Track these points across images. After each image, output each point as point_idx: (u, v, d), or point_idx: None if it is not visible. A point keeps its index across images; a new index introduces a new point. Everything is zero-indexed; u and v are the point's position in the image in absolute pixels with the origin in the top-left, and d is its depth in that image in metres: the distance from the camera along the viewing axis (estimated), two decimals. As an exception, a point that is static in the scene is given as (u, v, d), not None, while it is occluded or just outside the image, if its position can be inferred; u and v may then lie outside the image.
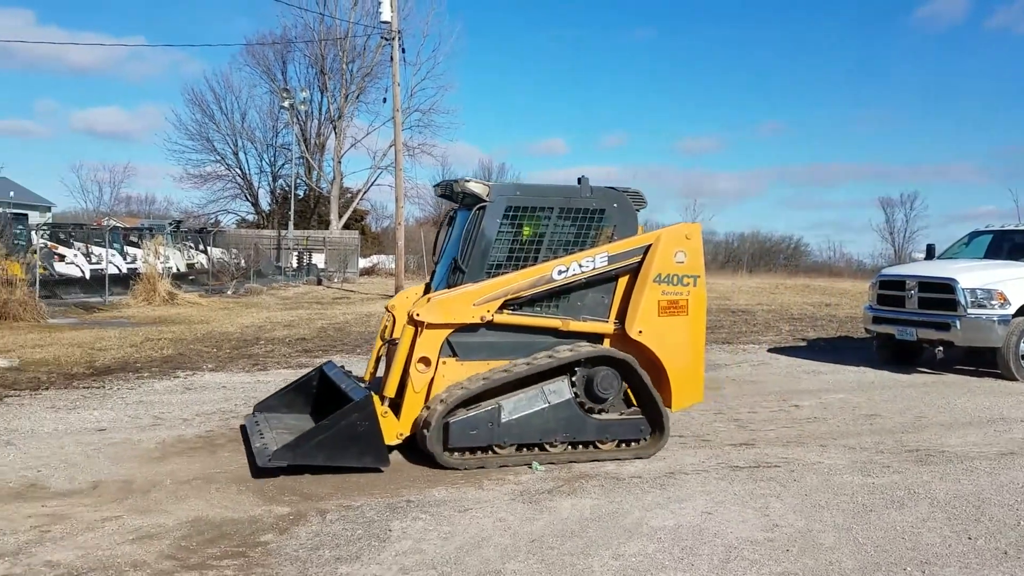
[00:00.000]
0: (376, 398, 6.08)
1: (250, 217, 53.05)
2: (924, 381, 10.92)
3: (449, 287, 6.56)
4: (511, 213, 6.62)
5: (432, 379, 6.29)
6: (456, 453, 6.19)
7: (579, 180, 6.89)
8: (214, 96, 49.79)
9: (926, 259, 13.37)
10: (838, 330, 17.52)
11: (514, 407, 6.28)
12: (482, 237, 6.55)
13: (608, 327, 6.71)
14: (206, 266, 29.93)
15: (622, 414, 6.68)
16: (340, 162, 47.66)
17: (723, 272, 53.99)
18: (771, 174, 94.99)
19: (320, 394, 7.41)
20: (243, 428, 7.24)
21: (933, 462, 6.68)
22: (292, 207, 42.13)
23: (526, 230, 6.71)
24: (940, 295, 11.33)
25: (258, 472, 5.85)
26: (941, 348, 11.40)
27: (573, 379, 6.48)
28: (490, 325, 6.41)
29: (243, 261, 32.27)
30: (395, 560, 4.44)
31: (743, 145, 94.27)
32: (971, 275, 11.31)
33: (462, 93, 79.46)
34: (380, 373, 7.21)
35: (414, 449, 6.33)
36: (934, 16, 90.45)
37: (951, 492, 5.84)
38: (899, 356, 12.24)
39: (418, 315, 6.21)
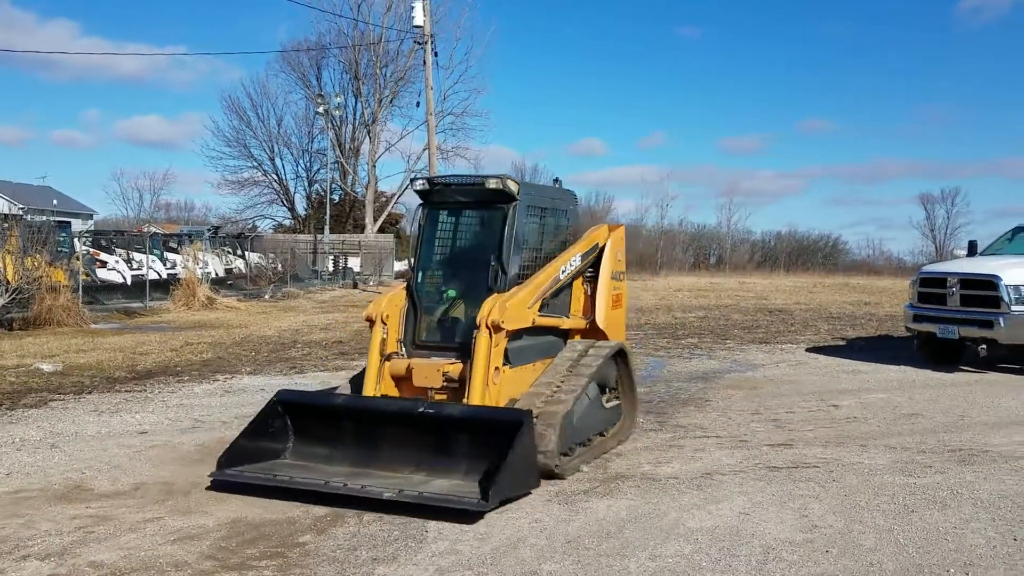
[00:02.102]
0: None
1: (286, 222, 53.63)
2: (967, 380, 10.71)
3: (490, 290, 6.27)
4: (532, 212, 6.67)
5: (498, 388, 6.07)
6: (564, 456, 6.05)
7: (555, 181, 7.23)
8: (251, 103, 50.43)
9: (968, 256, 13.11)
10: (878, 329, 17.26)
11: (577, 408, 6.24)
12: (519, 237, 6.48)
13: (582, 322, 7.13)
14: (244, 271, 30.26)
15: (609, 402, 6.92)
16: (375, 166, 47.96)
17: (759, 271, 53.51)
18: (812, 172, 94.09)
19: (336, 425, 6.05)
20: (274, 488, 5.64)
21: (977, 462, 6.55)
22: (328, 211, 42.48)
23: (538, 230, 6.85)
24: (983, 292, 11.11)
25: (476, 517, 5.10)
26: (984, 346, 11.17)
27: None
28: (530, 329, 6.42)
29: (280, 265, 32.56)
30: (431, 561, 4.46)
31: (784, 143, 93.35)
32: (1015, 271, 11.07)
33: (497, 95, 79.65)
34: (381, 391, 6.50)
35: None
36: (979, 8, 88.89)
37: (995, 492, 5.73)
38: (941, 355, 12.00)
39: (502, 323, 5.93)
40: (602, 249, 7.29)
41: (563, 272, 6.72)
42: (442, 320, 6.63)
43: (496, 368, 6.02)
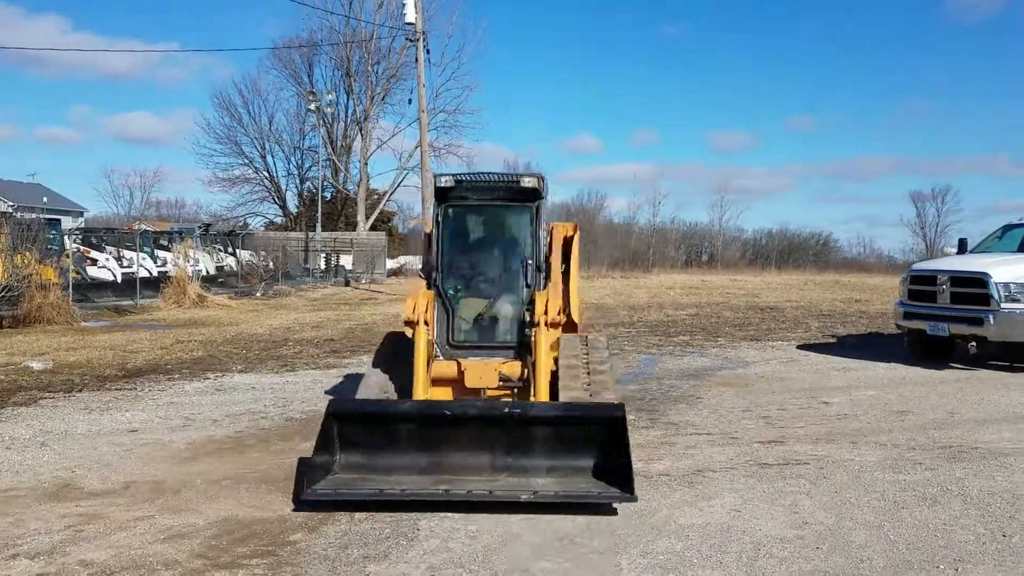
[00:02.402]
0: None
1: (278, 219, 53.54)
2: (957, 377, 10.76)
3: (529, 287, 6.71)
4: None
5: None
6: None
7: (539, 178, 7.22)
8: (242, 100, 50.37)
9: (958, 253, 13.18)
10: (868, 326, 17.32)
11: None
12: (540, 234, 6.79)
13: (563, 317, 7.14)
14: (235, 268, 30.21)
15: None
16: (366, 164, 47.93)
17: (751, 269, 53.62)
18: (802, 169, 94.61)
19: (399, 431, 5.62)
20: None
21: (966, 459, 6.58)
22: (319, 209, 42.42)
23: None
24: (973, 290, 11.17)
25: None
26: (974, 343, 11.25)
27: None
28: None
29: (271, 263, 32.52)
30: (423, 559, 4.45)
31: (774, 140, 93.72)
32: (1004, 269, 11.12)
33: (490, 92, 79.69)
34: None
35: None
36: (968, 6, 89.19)
37: (985, 489, 5.75)
38: (931, 352, 12.06)
39: (561, 320, 6.46)
40: (569, 243, 7.47)
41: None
42: (478, 319, 6.66)
43: None
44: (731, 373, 10.96)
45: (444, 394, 6.36)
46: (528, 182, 6.53)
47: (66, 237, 23.74)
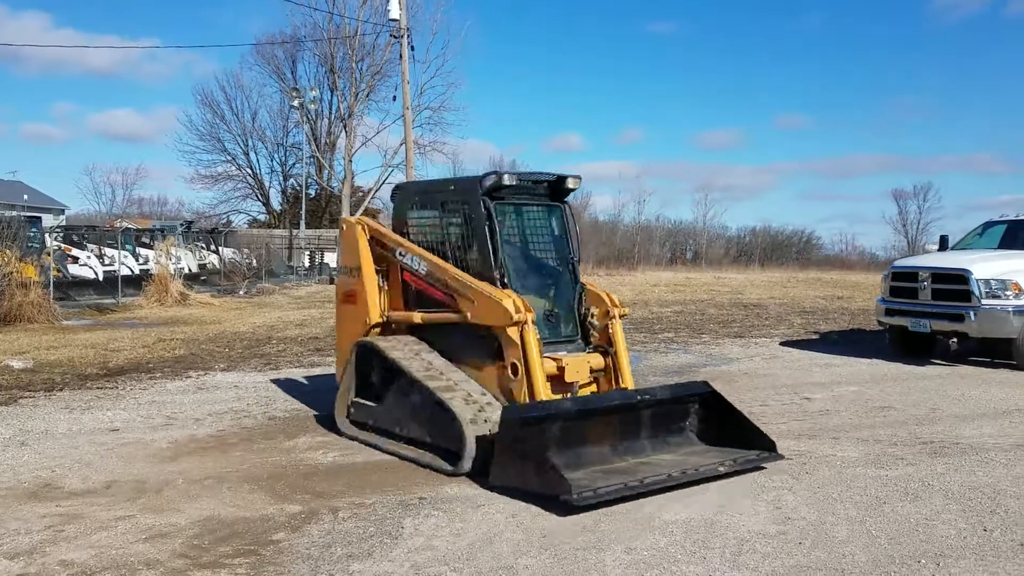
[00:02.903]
0: None
1: (261, 217, 53.23)
2: (938, 373, 10.85)
3: (576, 283, 7.01)
4: None
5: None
6: None
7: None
8: (224, 97, 49.98)
9: (939, 250, 13.29)
10: (851, 323, 17.43)
11: None
12: (576, 231, 7.14)
13: None
14: (218, 266, 30.02)
15: None
16: (351, 161, 47.62)
17: (735, 266, 53.85)
18: (786, 168, 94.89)
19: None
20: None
21: (947, 454, 6.63)
22: (303, 206, 42.25)
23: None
24: (954, 286, 11.26)
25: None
26: (955, 340, 11.33)
27: None
28: None
29: (255, 261, 32.33)
30: (407, 557, 4.44)
31: (759, 139, 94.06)
32: (985, 265, 11.22)
33: (475, 89, 79.45)
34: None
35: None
36: (952, 5, 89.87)
37: (966, 484, 5.80)
38: (912, 348, 12.15)
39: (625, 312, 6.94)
40: None
41: None
42: (548, 316, 6.82)
43: None
44: (715, 370, 11.00)
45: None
46: (572, 183, 7.05)
47: (47, 235, 23.55)
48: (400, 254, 7.19)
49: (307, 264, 37.95)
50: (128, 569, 4.24)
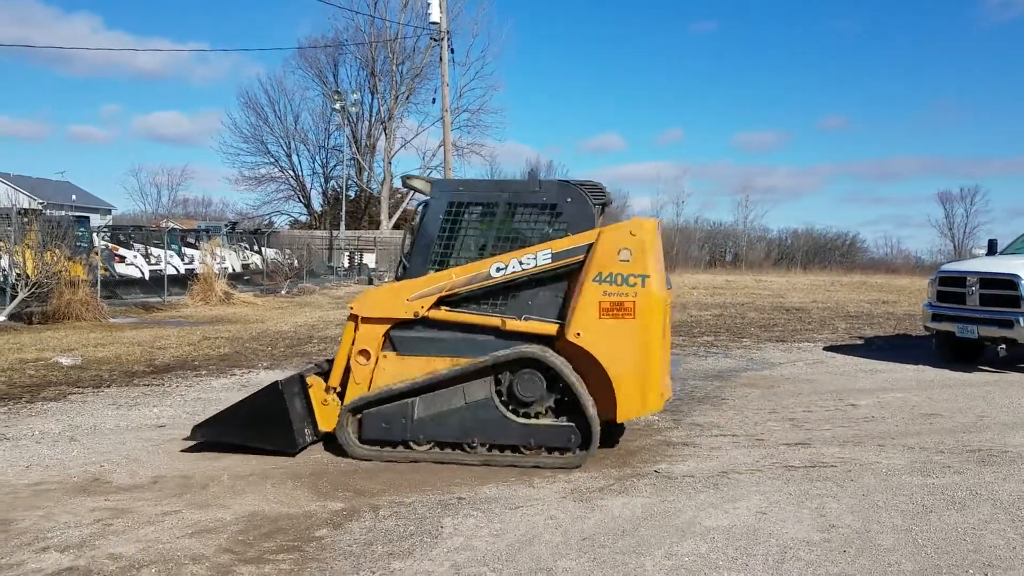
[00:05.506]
0: (316, 382, 6.58)
1: (303, 218, 53.94)
2: (986, 380, 10.63)
3: (396, 282, 6.69)
4: (453, 209, 6.51)
5: (373, 372, 6.44)
6: (367, 445, 6.40)
7: (529, 174, 6.93)
8: (268, 99, 50.87)
9: (988, 255, 13.00)
10: (896, 328, 17.14)
11: (428, 405, 6.33)
12: (424, 233, 6.56)
13: (552, 328, 6.28)
14: (260, 266, 30.43)
15: (552, 420, 6.29)
16: (390, 163, 48.17)
17: (776, 269, 53.24)
18: (830, 169, 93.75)
19: None
20: None
21: (996, 462, 6.50)
22: (343, 208, 42.67)
23: (471, 227, 6.59)
24: (1002, 291, 11.02)
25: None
26: (1004, 346, 11.08)
27: (495, 381, 6.28)
28: (425, 321, 6.37)
29: (296, 261, 32.72)
30: (447, 556, 4.46)
31: (801, 140, 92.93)
32: (1035, 271, 10.96)
33: (514, 91, 79.71)
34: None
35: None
36: (1005, 4, 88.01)
37: (1015, 493, 5.68)
38: (960, 354, 11.92)
39: (352, 308, 6.50)
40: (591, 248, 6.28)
41: (500, 270, 6.25)
42: None
43: (367, 353, 6.47)
44: (756, 374, 10.89)
45: None
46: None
47: (95, 234, 24.06)
48: None
49: (347, 265, 38.29)
50: (175, 563, 4.32)
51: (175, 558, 4.38)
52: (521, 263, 6.25)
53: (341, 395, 6.53)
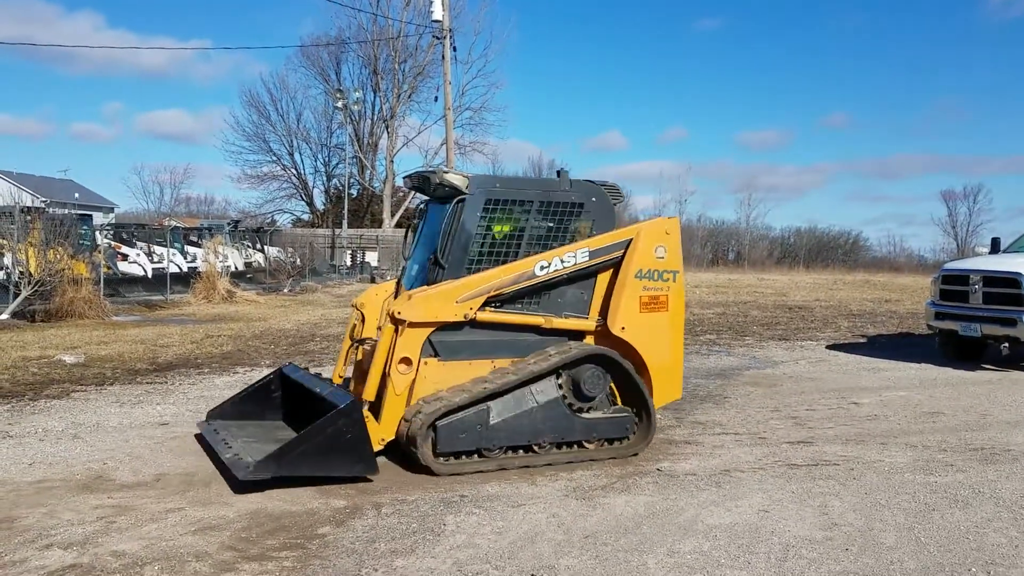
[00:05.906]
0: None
1: (305, 216, 53.94)
2: (989, 378, 10.62)
3: (428, 284, 6.31)
4: (491, 206, 6.39)
5: (414, 380, 6.03)
6: (443, 458, 5.94)
7: (558, 173, 6.81)
8: (270, 98, 50.89)
9: (991, 253, 12.98)
10: (899, 326, 17.13)
11: (502, 409, 6.06)
12: (462, 231, 6.31)
13: (590, 324, 6.56)
14: (263, 265, 30.45)
15: (607, 412, 6.47)
16: (392, 161, 48.17)
17: (779, 268, 53.15)
18: (833, 167, 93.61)
19: (288, 399, 6.94)
20: (201, 437, 6.74)
21: (998, 461, 6.49)
22: (346, 206, 42.68)
23: (505, 225, 6.51)
24: (1005, 290, 11.01)
25: (240, 486, 5.45)
26: (1006, 344, 11.07)
27: (559, 380, 6.28)
28: (473, 323, 6.18)
29: (299, 260, 32.74)
30: (449, 554, 4.47)
31: (804, 138, 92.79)
32: (1038, 269, 10.95)
33: (516, 88, 79.74)
34: (348, 374, 7.06)
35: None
36: (1006, 2, 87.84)
37: (1017, 491, 5.68)
38: (963, 353, 11.92)
39: (399, 313, 5.92)
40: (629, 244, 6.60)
41: (544, 268, 6.30)
42: None
43: (408, 360, 6.03)
44: (759, 373, 10.89)
45: None
46: (437, 178, 6.74)
47: (97, 232, 24.07)
48: None
49: (349, 263, 38.31)
50: (178, 561, 4.33)
51: (178, 555, 4.39)
52: (563, 261, 6.38)
53: (373, 409, 6.03)
